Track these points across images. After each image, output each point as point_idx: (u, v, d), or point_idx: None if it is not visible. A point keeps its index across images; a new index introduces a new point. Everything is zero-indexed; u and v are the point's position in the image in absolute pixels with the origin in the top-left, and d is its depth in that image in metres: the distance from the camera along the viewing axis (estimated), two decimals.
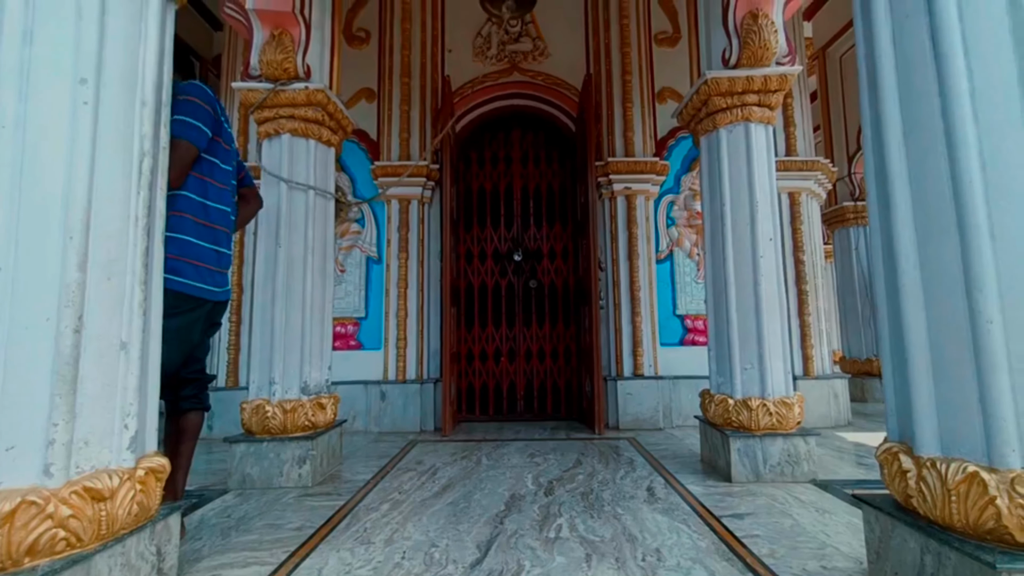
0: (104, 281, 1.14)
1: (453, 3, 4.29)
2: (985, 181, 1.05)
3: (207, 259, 1.65)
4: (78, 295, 1.08)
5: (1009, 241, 1.03)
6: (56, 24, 1.10)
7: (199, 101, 1.61)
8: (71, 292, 1.07)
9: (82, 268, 1.09)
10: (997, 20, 1.06)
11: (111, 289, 1.15)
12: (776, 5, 2.41)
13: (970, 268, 1.05)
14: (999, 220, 1.04)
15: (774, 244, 2.32)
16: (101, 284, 1.13)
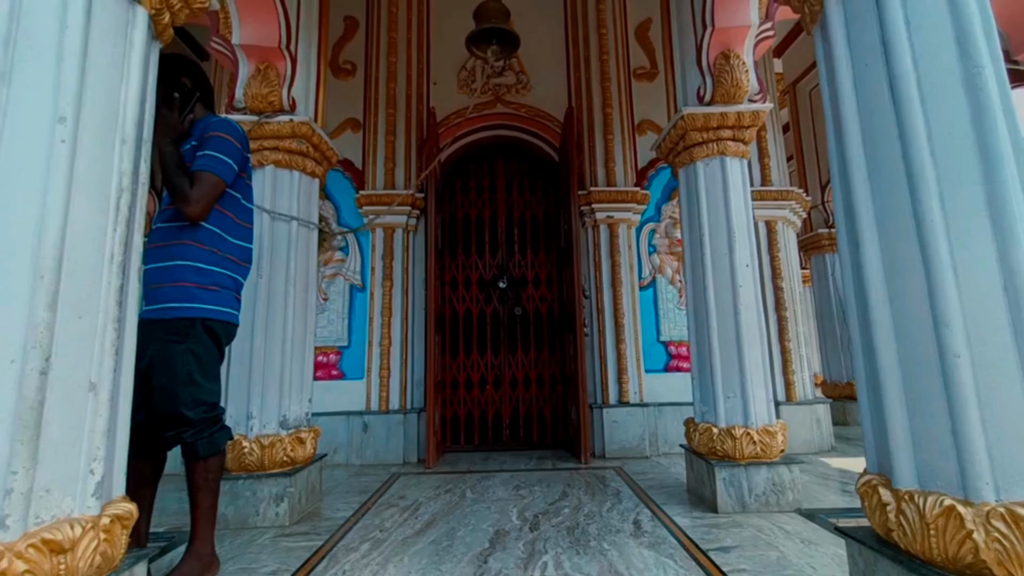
0: (75, 320, 1.11)
1: (439, 38, 4.40)
2: (946, 220, 1.09)
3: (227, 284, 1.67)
4: (46, 336, 1.05)
5: (971, 278, 1.07)
6: (35, 67, 1.10)
7: (230, 138, 1.64)
8: (39, 333, 1.04)
9: (51, 308, 1.06)
10: (949, 69, 1.13)
11: (82, 328, 1.12)
12: (747, 46, 2.52)
13: (936, 304, 1.08)
14: (960, 257, 1.08)
15: (752, 273, 2.37)
16: (71, 323, 1.10)
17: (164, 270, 1.57)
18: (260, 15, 2.41)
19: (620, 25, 4.35)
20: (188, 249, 1.58)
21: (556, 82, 4.37)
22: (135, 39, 1.31)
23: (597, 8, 4.31)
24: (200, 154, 1.59)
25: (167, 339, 1.55)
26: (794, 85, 5.75)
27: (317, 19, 2.82)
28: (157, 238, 1.61)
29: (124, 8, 1.29)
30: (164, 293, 1.56)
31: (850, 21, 1.30)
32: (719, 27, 2.42)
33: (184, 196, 1.53)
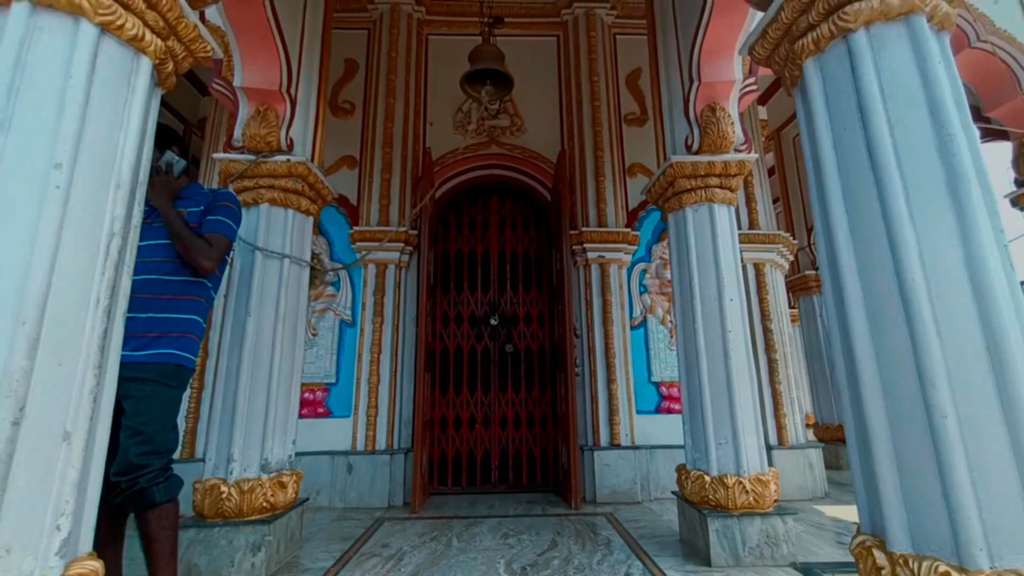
0: (54, 367, 1.08)
1: (435, 81, 4.55)
2: (927, 280, 1.12)
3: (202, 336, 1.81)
4: (22, 384, 1.02)
5: (954, 337, 1.09)
6: (36, 115, 1.11)
7: (235, 208, 1.86)
8: (15, 381, 1.01)
9: (31, 355, 1.03)
10: (923, 136, 1.19)
11: (61, 375, 1.09)
12: (732, 99, 2.63)
13: (921, 362, 1.10)
14: (943, 317, 1.10)
15: (742, 317, 2.39)
16: (50, 370, 1.07)
17: (175, 321, 1.67)
18: (263, 60, 2.48)
19: (611, 73, 4.53)
20: (197, 305, 1.74)
21: (549, 125, 4.50)
22: (137, 87, 1.34)
23: (589, 57, 4.49)
24: (213, 218, 1.77)
25: (160, 382, 1.60)
26: (778, 132, 5.97)
27: (318, 62, 2.91)
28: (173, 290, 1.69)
29: (129, 58, 1.32)
30: (171, 341, 1.64)
31: (828, 87, 1.37)
32: (705, 82, 2.53)
33: (206, 254, 1.69)
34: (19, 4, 1.15)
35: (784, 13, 1.47)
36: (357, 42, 4.51)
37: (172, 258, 1.70)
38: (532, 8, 4.67)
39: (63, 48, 1.17)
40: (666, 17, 2.86)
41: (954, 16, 1.30)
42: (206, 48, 1.54)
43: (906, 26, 1.26)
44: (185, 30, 1.46)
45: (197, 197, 1.83)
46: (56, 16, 1.18)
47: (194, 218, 1.77)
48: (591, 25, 4.55)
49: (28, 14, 1.15)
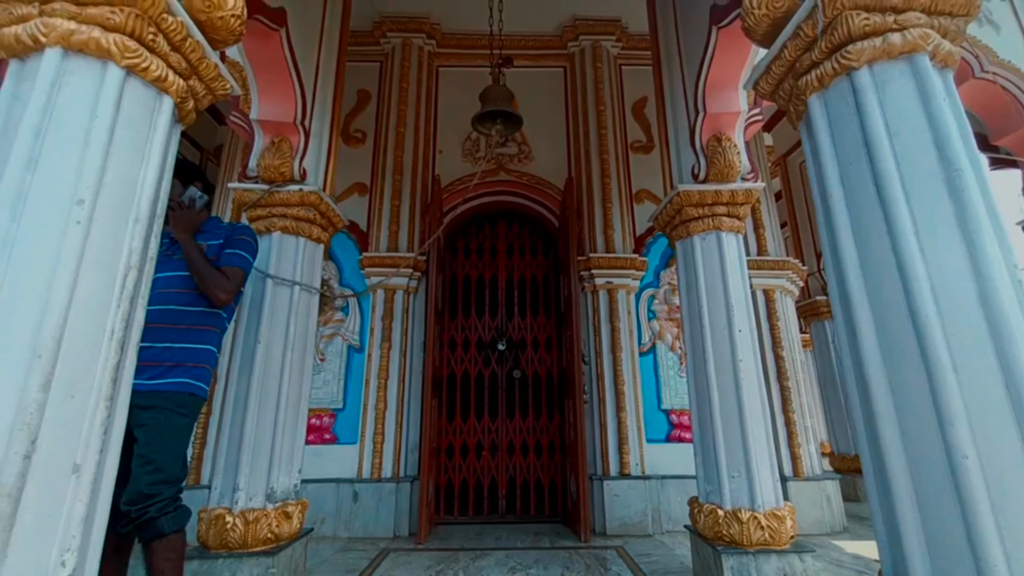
0: (67, 400, 1.09)
1: (445, 111, 4.66)
2: (941, 316, 1.10)
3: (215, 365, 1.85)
4: (35, 417, 1.03)
5: (972, 374, 1.07)
6: (61, 154, 1.15)
7: (252, 241, 1.93)
8: (28, 414, 1.02)
9: (45, 388, 1.05)
10: (931, 172, 1.19)
11: (73, 407, 1.10)
12: (737, 129, 2.66)
13: (938, 400, 1.07)
14: (959, 354, 1.08)
15: (753, 347, 2.36)
16: (63, 403, 1.08)
17: (190, 351, 1.69)
18: (279, 94, 2.56)
19: (617, 102, 4.61)
20: (212, 335, 1.77)
21: (557, 153, 4.57)
22: (159, 124, 1.38)
23: (595, 87, 4.59)
24: (230, 251, 1.82)
25: (173, 411, 1.62)
26: (784, 157, 6.00)
27: (332, 95, 2.99)
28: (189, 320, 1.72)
29: (152, 97, 1.37)
30: (185, 371, 1.67)
31: (833, 122, 1.38)
32: (710, 113, 2.56)
33: (223, 286, 1.73)
34: (52, 50, 1.20)
35: (787, 51, 1.50)
36: (370, 74, 4.65)
37: (190, 289, 1.74)
38: (540, 41, 4.80)
39: (90, 90, 1.22)
40: (671, 50, 2.93)
41: (957, 54, 1.32)
42: (225, 86, 1.60)
43: (909, 64, 1.28)
44: (206, 70, 1.51)
45: (217, 231, 1.88)
46: (85, 60, 1.23)
47: (213, 251, 1.81)
48: (597, 57, 4.66)
49: (60, 59, 1.21)
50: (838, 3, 1.32)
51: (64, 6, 1.22)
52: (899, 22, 1.30)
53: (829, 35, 1.35)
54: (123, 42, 1.25)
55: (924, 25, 1.29)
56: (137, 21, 1.27)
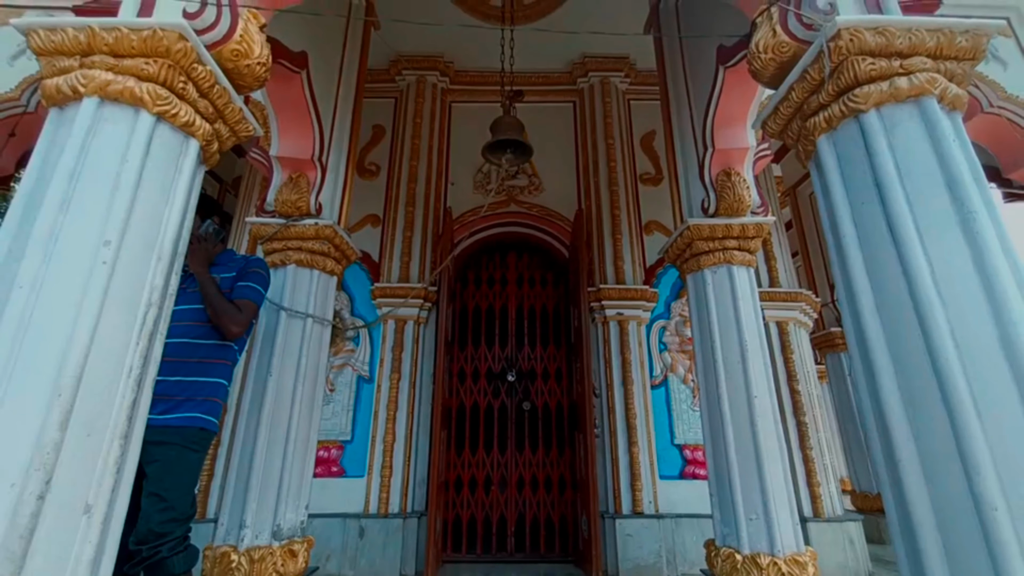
0: (83, 438, 1.10)
1: (457, 144, 4.77)
2: (961, 360, 1.08)
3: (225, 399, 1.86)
4: (52, 457, 1.04)
5: (996, 420, 1.04)
6: (92, 196, 1.20)
7: (265, 274, 1.97)
8: (46, 454, 1.03)
9: (63, 427, 1.06)
10: (944, 214, 1.19)
11: (89, 446, 1.11)
12: (746, 164, 2.69)
13: (963, 447, 1.05)
14: (982, 399, 1.06)
15: (767, 382, 2.32)
16: (79, 442, 1.09)
17: (201, 385, 1.70)
18: (298, 132, 2.65)
19: (626, 135, 4.69)
20: (224, 368, 1.78)
21: (566, 185, 4.63)
22: (184, 167, 1.44)
23: (604, 121, 4.68)
24: (243, 284, 1.85)
25: (185, 446, 1.63)
26: (794, 188, 6.01)
27: (349, 131, 3.09)
28: (201, 353, 1.74)
29: (180, 141, 1.43)
30: (196, 405, 1.68)
31: (843, 163, 1.40)
32: (719, 148, 2.60)
33: (235, 319, 1.75)
34: (89, 99, 1.27)
35: (794, 93, 1.53)
36: (385, 109, 4.80)
37: (203, 322, 1.76)
38: (550, 78, 4.94)
39: (123, 136, 1.28)
40: (678, 88, 2.99)
41: (964, 97, 1.33)
42: (248, 129, 1.66)
43: (917, 107, 1.30)
44: (231, 114, 1.58)
45: (231, 263, 1.91)
46: (119, 108, 1.30)
47: (226, 284, 1.84)
48: (606, 92, 4.77)
49: (96, 107, 1.27)
50: (843, 49, 1.35)
51: (103, 59, 1.30)
52: (905, 66, 1.33)
53: (836, 79, 1.38)
54: (155, 91, 1.32)
55: (930, 69, 1.32)
56: (169, 71, 1.34)
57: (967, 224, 1.15)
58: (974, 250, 1.13)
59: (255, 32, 1.59)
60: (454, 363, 4.24)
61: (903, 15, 1.39)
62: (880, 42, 1.32)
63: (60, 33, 1.29)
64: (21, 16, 2.73)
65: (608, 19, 4.25)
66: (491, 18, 4.29)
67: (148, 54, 1.32)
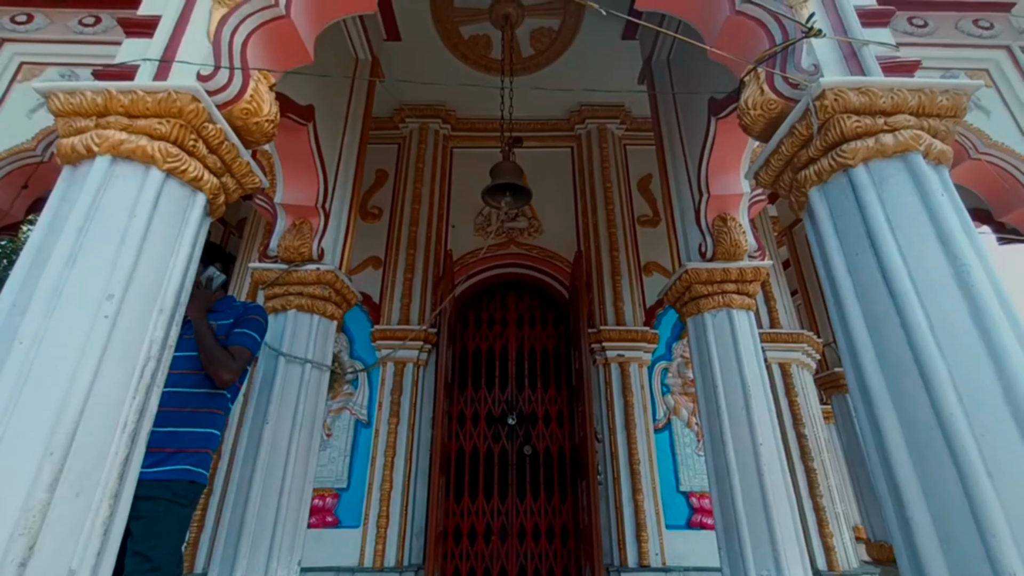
0: (72, 498, 1.08)
1: (458, 188, 4.88)
2: (967, 416, 1.07)
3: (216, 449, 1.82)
4: (37, 520, 1.01)
5: (1008, 479, 1.02)
6: (99, 251, 1.22)
7: (263, 321, 1.94)
8: (31, 517, 1.00)
9: (52, 488, 1.04)
10: (938, 266, 1.20)
11: (76, 507, 1.08)
12: (742, 209, 2.74)
13: (976, 508, 1.02)
14: (991, 457, 1.04)
15: (773, 430, 2.27)
16: (67, 502, 1.07)
17: (193, 436, 1.67)
18: (303, 180, 2.72)
19: (623, 179, 4.81)
20: (216, 418, 1.75)
21: (565, 227, 4.70)
22: (191, 219, 1.46)
23: (602, 166, 4.81)
24: (239, 331, 1.82)
25: (173, 501, 1.59)
26: (790, 228, 6.10)
27: (352, 178, 3.17)
28: (194, 403, 1.71)
29: (187, 195, 1.46)
30: (187, 457, 1.64)
31: (835, 215, 1.42)
32: (714, 194, 2.66)
33: (227, 366, 1.71)
34: (102, 157, 1.31)
35: (784, 147, 1.58)
36: (388, 155, 4.93)
37: (197, 370, 1.74)
38: (548, 124, 5.11)
39: (132, 192, 1.32)
40: (672, 136, 3.09)
41: (950, 152, 1.37)
42: (255, 181, 1.71)
43: (904, 163, 1.33)
44: (239, 167, 1.62)
45: (229, 310, 1.91)
46: (130, 165, 1.34)
47: (223, 330, 1.84)
48: (603, 138, 4.92)
49: (108, 165, 1.31)
50: (829, 108, 1.40)
51: (118, 119, 1.35)
52: (890, 124, 1.38)
53: (823, 135, 1.43)
54: (166, 149, 1.37)
55: (914, 127, 1.37)
56: (181, 130, 1.39)
57: (962, 277, 1.16)
58: (970, 303, 1.13)
59: (265, 91, 1.66)
60: (454, 406, 4.18)
61: (884, 76, 1.45)
62: (864, 101, 1.38)
63: (79, 96, 1.35)
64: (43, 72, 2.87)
65: (603, 70, 4.44)
66: (492, 70, 4.48)
67: (162, 114, 1.38)
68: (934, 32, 3.14)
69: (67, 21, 2.97)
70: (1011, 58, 3.05)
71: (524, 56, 4.45)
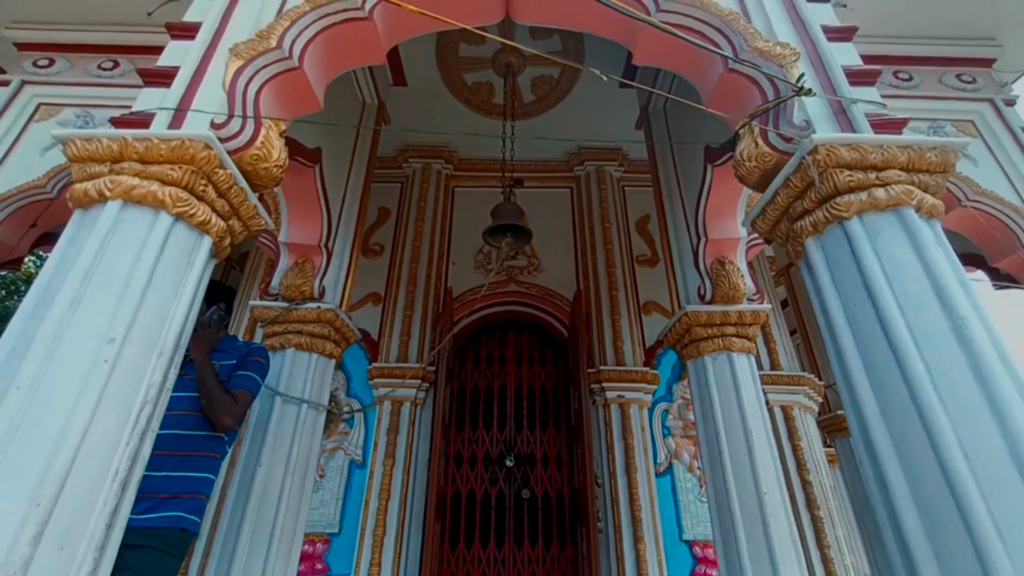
0: (55, 552, 1.04)
1: (459, 226, 4.95)
2: (973, 473, 1.05)
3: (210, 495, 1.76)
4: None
5: (1018, 536, 0.99)
6: (102, 295, 1.23)
7: (265, 363, 1.92)
8: (10, 573, 0.96)
9: (36, 541, 1.00)
10: (936, 319, 1.21)
11: (60, 561, 1.05)
12: (739, 253, 2.78)
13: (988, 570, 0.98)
14: (1000, 515, 1.02)
15: (777, 478, 2.23)
16: (50, 557, 1.03)
17: (188, 480, 1.62)
18: (307, 220, 2.77)
19: (621, 219, 4.89)
20: (212, 462, 1.71)
21: (565, 265, 4.75)
22: (196, 262, 1.48)
23: (600, 206, 4.90)
24: (242, 373, 1.80)
25: (163, 550, 1.52)
26: (787, 269, 6.15)
27: (356, 217, 3.22)
28: (191, 446, 1.67)
29: (194, 238, 1.48)
30: (180, 503, 1.58)
31: (832, 265, 1.45)
32: (712, 238, 2.70)
33: (229, 411, 1.68)
34: (113, 202, 1.34)
35: (780, 197, 1.61)
36: (391, 193, 5.03)
37: (196, 411, 1.71)
38: (548, 166, 5.24)
39: (141, 236, 1.34)
40: (670, 181, 3.17)
41: (941, 206, 1.41)
42: (261, 224, 1.73)
43: (897, 216, 1.37)
44: (246, 211, 1.65)
45: (231, 351, 1.90)
46: (140, 210, 1.36)
47: (225, 371, 1.81)
48: (601, 179, 5.04)
49: (119, 209, 1.34)
50: (821, 162, 1.45)
51: (131, 165, 1.39)
52: (881, 178, 1.42)
53: (818, 188, 1.47)
54: (176, 194, 1.40)
55: (905, 182, 1.41)
56: (192, 176, 1.43)
57: (960, 332, 1.17)
58: (971, 359, 1.14)
59: (275, 138, 1.71)
60: (451, 446, 4.09)
61: (874, 132, 1.51)
62: (855, 156, 1.42)
63: (95, 143, 1.39)
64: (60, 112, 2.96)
65: (602, 115, 4.60)
66: (494, 114, 4.63)
67: (174, 161, 1.42)
68: (919, 85, 3.27)
69: (87, 65, 3.09)
70: (995, 110, 3.16)
71: (525, 102, 4.61)
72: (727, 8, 1.84)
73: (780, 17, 1.84)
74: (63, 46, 3.09)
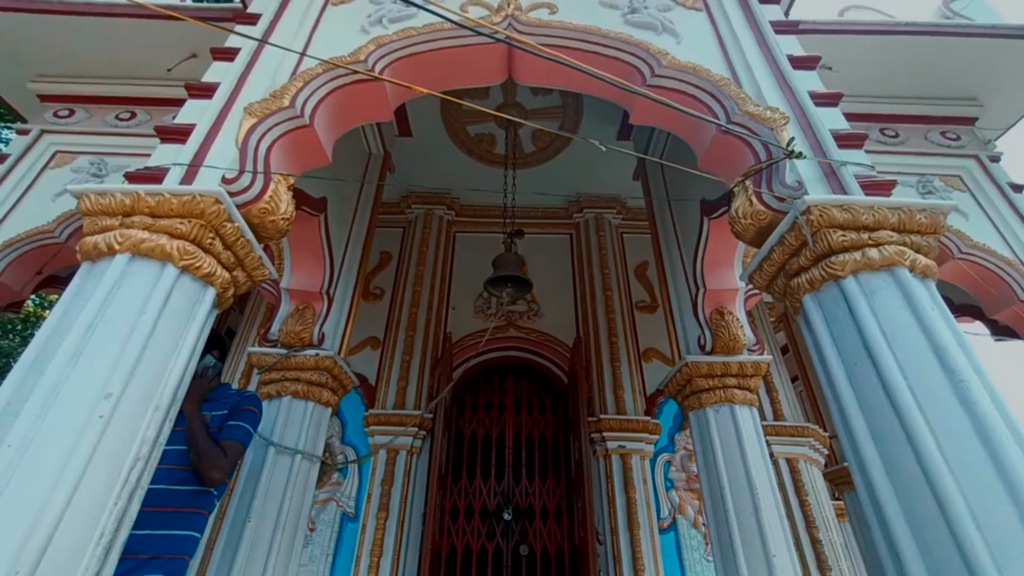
0: None
1: (460, 271, 4.99)
2: (986, 542, 1.02)
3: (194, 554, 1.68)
4: None
5: None
6: (103, 348, 1.23)
7: (258, 412, 1.87)
8: None
9: None
10: (938, 382, 1.21)
11: None
12: (738, 303, 2.80)
13: None
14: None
15: (785, 537, 2.14)
16: None
17: (171, 540, 1.56)
18: (310, 267, 2.80)
19: (620, 266, 4.94)
20: (198, 519, 1.64)
21: (564, 311, 4.75)
22: (198, 314, 1.48)
23: (600, 253, 4.97)
24: (233, 424, 1.76)
25: None
26: (786, 315, 6.16)
27: (358, 264, 3.26)
28: (177, 502, 1.62)
29: (198, 289, 1.50)
30: (163, 564, 1.52)
31: (830, 322, 1.45)
32: (710, 288, 2.72)
33: (218, 464, 1.63)
34: (121, 255, 1.36)
35: (776, 254, 1.64)
36: (393, 238, 5.11)
37: (185, 466, 1.66)
38: (547, 212, 5.35)
39: (146, 288, 1.35)
40: (667, 232, 3.23)
41: (934, 267, 1.44)
42: (265, 274, 1.75)
43: (892, 276, 1.39)
44: (251, 262, 1.68)
45: (224, 400, 1.86)
46: (148, 263, 1.38)
47: (216, 422, 1.77)
48: (600, 226, 5.13)
49: (127, 262, 1.36)
50: (815, 222, 1.48)
51: (142, 219, 1.42)
52: (874, 239, 1.45)
53: (812, 247, 1.50)
54: (184, 247, 1.42)
55: (897, 242, 1.44)
56: (201, 229, 1.46)
57: (962, 394, 1.16)
58: (975, 422, 1.13)
59: (283, 191, 1.76)
60: (447, 498, 3.95)
61: (864, 194, 1.56)
62: (847, 217, 1.46)
63: (108, 197, 1.43)
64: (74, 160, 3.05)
65: (600, 165, 4.74)
66: (495, 164, 4.77)
67: (184, 215, 1.45)
68: (906, 141, 3.38)
69: (105, 115, 3.21)
70: (981, 167, 3.25)
71: (526, 152, 4.77)
72: (719, 75, 1.94)
73: (769, 83, 1.94)
74: (84, 98, 3.22)
